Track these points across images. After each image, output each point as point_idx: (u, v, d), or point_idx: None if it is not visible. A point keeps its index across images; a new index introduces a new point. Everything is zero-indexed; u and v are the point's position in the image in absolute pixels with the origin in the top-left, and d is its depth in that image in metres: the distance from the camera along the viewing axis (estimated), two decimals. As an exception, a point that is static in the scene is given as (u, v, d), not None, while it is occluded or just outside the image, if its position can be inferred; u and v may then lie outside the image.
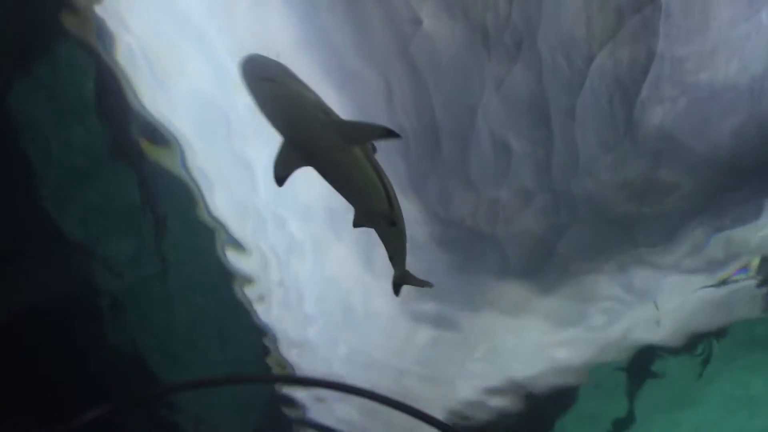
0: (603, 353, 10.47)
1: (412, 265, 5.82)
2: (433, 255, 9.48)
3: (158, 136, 8.49)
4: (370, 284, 10.11)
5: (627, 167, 7.94)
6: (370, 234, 5.68)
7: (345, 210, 9.25)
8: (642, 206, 8.46)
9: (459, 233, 9.15)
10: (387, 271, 6.08)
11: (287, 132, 4.78)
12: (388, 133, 4.73)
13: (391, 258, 5.88)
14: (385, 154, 5.86)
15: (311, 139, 4.75)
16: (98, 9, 7.26)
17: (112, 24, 7.51)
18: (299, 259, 9.90)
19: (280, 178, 5.11)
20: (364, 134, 4.92)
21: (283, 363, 11.67)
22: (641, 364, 10.94)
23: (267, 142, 8.50)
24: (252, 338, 11.37)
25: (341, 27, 7.20)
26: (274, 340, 11.19)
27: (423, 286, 6.24)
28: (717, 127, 7.28)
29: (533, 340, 10.39)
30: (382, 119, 7.92)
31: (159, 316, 11.13)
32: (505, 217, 8.81)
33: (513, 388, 11.29)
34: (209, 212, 9.28)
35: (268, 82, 4.44)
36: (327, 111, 4.72)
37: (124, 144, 8.60)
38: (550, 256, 9.28)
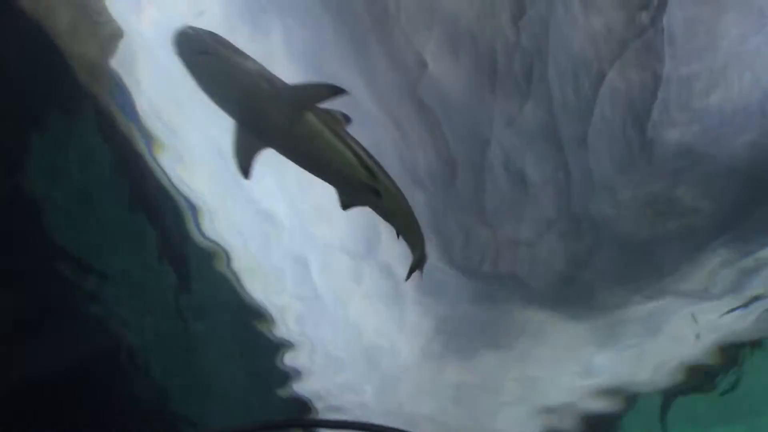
0: (638, 379, 10.24)
1: (434, 303, 5.70)
2: (457, 292, 9.40)
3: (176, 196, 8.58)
4: (394, 326, 10.05)
5: (645, 189, 7.87)
6: (394, 276, 5.59)
7: (366, 251, 9.34)
8: (664, 228, 8.35)
9: (481, 268, 9.08)
10: (411, 308, 5.95)
11: (233, 109, 4.46)
12: (335, 91, 4.43)
13: (400, 235, 5.53)
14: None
15: (260, 113, 4.47)
16: (112, 63, 7.39)
17: (126, 80, 7.65)
18: (323, 305, 9.87)
19: (244, 168, 4.78)
20: (310, 96, 4.50)
21: (310, 407, 11.56)
22: (677, 386, 10.70)
23: (283, 192, 8.69)
24: (278, 384, 11.29)
25: (349, 73, 7.28)
26: (300, 385, 11.10)
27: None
28: (733, 141, 7.21)
29: (566, 372, 10.21)
30: (395, 159, 7.96)
31: (184, 369, 11.11)
32: (526, 249, 8.74)
33: (548, 421, 11.06)
34: (230, 265, 9.31)
35: (203, 55, 4.14)
36: (271, 80, 4.40)
37: (142, 202, 8.70)
38: (575, 285, 9.16)
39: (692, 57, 6.36)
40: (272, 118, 4.48)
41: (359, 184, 4.89)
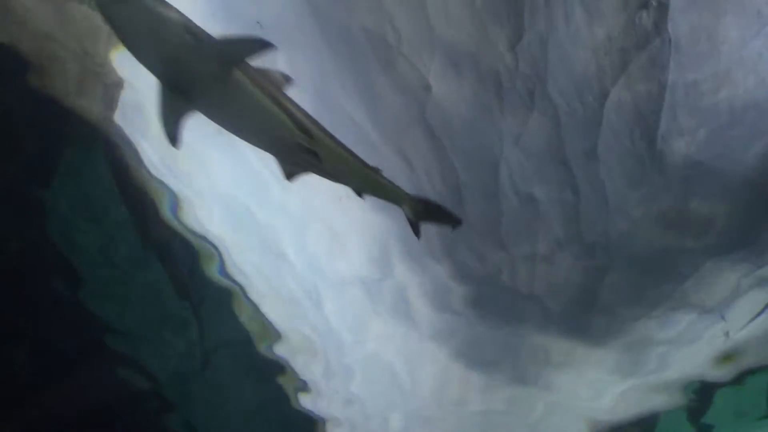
0: (665, 396, 10.01)
1: (450, 336, 5.39)
2: (474, 320, 9.28)
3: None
4: (414, 352, 9.90)
5: (658, 201, 7.79)
6: (408, 302, 5.34)
7: (378, 281, 9.25)
8: (681, 238, 8.24)
9: (496, 292, 8.97)
10: (429, 333, 5.70)
11: (155, 65, 4.08)
12: (262, 44, 4.06)
13: (362, 194, 5.14)
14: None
15: (184, 68, 4.07)
16: (116, 117, 7.45)
17: (129, 132, 7.70)
18: (340, 338, 9.75)
19: (171, 135, 4.42)
20: (236, 50, 4.15)
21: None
22: (705, 400, 10.46)
23: (297, 236, 8.67)
24: (303, 420, 11.12)
25: (353, 105, 7.31)
26: (324, 420, 10.92)
27: (449, 223, 5.41)
28: (743, 147, 7.16)
29: (591, 393, 9.99)
30: (404, 187, 7.94)
31: (207, 410, 10.96)
32: (540, 269, 8.64)
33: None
34: (249, 306, 9.25)
35: (121, 3, 3.77)
36: (194, 32, 4.02)
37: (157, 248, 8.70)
38: (593, 304, 9.03)
39: (696, 63, 6.36)
40: (197, 74, 4.11)
41: (296, 146, 4.54)
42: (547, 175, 7.74)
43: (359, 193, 5.17)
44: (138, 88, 7.34)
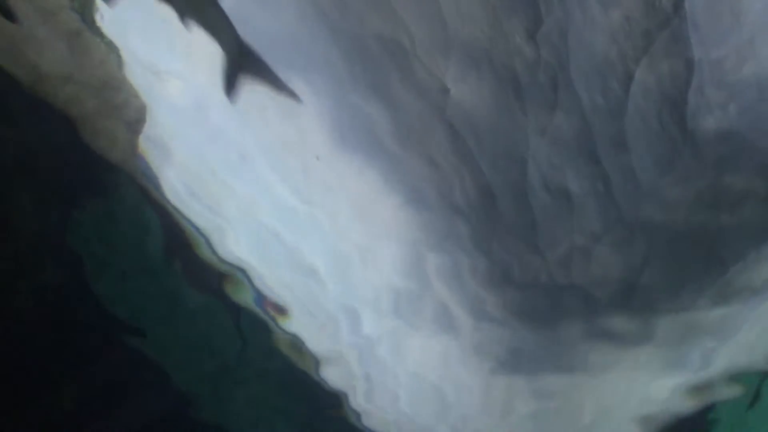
0: (716, 389, 9.69)
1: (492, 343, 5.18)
2: (515, 324, 9.09)
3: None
4: (455, 367, 9.74)
5: (692, 181, 7.59)
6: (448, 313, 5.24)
7: (414, 296, 9.13)
8: (719, 219, 8.02)
9: (536, 294, 8.79)
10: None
11: None
12: None
13: None
14: (446, 223, 5.64)
15: None
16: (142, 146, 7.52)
17: (156, 164, 7.76)
18: (381, 356, 9.64)
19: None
20: None
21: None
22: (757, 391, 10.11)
23: (323, 248, 8.62)
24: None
25: (376, 113, 7.28)
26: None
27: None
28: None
29: (640, 391, 9.70)
30: (432, 193, 7.86)
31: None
32: (579, 264, 8.45)
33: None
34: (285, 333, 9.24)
35: None
36: None
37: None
38: (634, 298, 8.78)
39: (719, 37, 6.22)
40: None
41: None
42: (577, 166, 7.59)
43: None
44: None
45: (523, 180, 7.74)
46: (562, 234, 8.13)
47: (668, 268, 8.47)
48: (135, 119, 7.42)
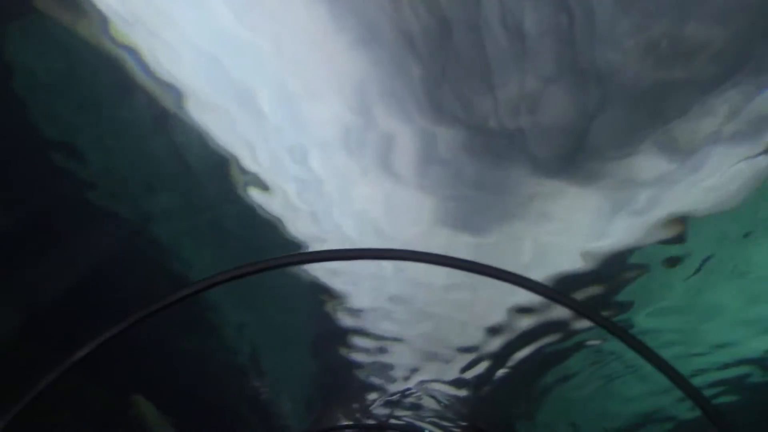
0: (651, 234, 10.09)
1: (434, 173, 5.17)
2: (461, 164, 9.14)
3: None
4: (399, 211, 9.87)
5: (650, 28, 7.43)
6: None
7: (361, 133, 9.00)
8: (671, 72, 7.96)
9: (484, 136, 8.78)
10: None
11: None
12: None
13: None
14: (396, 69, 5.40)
15: None
16: None
17: None
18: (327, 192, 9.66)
19: None
20: None
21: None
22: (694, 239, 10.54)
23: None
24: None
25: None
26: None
27: None
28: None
29: (581, 234, 10.07)
30: (389, 24, 7.51)
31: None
32: (529, 109, 8.39)
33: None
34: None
35: None
36: None
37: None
38: (582, 144, 8.87)
39: None
40: None
41: None
42: (535, 3, 7.31)
43: None
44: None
45: (479, 15, 7.45)
46: (515, 75, 7.97)
47: (616, 117, 8.51)
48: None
